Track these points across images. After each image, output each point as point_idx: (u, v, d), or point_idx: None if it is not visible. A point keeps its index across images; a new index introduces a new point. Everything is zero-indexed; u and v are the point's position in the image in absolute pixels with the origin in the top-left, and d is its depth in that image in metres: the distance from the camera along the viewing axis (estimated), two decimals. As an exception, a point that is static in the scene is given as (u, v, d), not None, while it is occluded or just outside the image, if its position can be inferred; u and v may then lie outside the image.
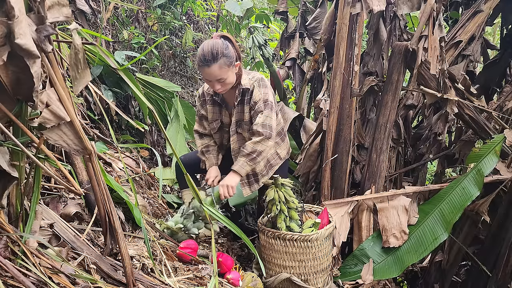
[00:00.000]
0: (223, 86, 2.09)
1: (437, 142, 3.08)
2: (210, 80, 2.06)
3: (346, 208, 2.53)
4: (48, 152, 1.13)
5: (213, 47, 1.99)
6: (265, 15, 4.52)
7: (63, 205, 1.64)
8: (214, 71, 2.01)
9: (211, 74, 2.02)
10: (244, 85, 2.17)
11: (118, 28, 4.05)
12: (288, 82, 5.28)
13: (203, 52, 1.99)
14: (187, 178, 1.65)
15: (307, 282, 2.06)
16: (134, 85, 1.46)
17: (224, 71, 2.03)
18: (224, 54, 2.00)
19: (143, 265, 1.57)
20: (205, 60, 1.99)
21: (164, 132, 1.44)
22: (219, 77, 2.04)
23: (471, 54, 3.11)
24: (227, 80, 2.07)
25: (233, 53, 2.06)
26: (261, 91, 2.16)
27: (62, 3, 1.08)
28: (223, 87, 2.10)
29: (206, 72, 2.03)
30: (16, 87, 0.98)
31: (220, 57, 1.99)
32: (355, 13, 2.46)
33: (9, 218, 1.19)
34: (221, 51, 1.99)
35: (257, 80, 2.18)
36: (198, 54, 2.04)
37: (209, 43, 2.01)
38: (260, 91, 2.16)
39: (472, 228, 2.79)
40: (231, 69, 2.06)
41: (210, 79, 2.06)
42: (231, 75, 2.08)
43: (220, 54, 1.99)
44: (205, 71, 2.02)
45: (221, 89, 2.10)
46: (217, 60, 1.99)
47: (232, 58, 2.05)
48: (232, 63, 2.05)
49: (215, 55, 1.98)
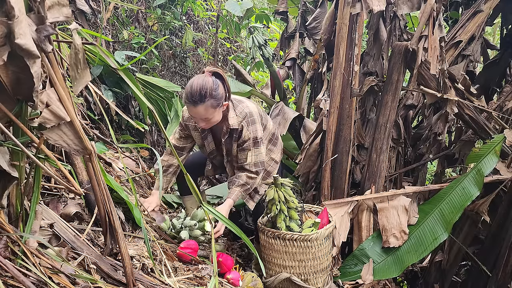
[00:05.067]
0: (207, 124, 2.04)
1: (437, 142, 3.07)
2: (195, 117, 2.01)
3: (346, 208, 2.53)
4: (48, 152, 1.13)
5: (202, 88, 1.90)
6: (265, 15, 4.52)
7: (63, 205, 1.64)
8: (200, 111, 1.94)
9: (197, 113, 1.96)
10: (232, 125, 2.09)
11: (118, 28, 4.05)
12: (288, 82, 5.28)
13: (191, 90, 1.91)
14: (187, 178, 1.64)
15: (307, 282, 2.06)
16: (134, 85, 1.46)
17: (210, 112, 1.97)
18: (213, 95, 1.93)
19: (143, 265, 1.57)
20: (191, 99, 1.91)
21: (164, 132, 1.44)
22: (204, 117, 1.98)
23: (471, 54, 3.11)
24: (213, 119, 2.01)
25: (222, 94, 1.99)
26: (250, 130, 2.11)
27: (62, 3, 1.08)
28: (208, 125, 2.05)
29: (191, 110, 1.97)
30: (16, 87, 0.98)
31: (208, 99, 1.91)
32: (355, 13, 2.46)
33: (9, 218, 1.19)
34: (210, 93, 1.92)
35: (245, 119, 2.10)
36: (186, 90, 1.95)
37: (199, 81, 1.92)
38: (249, 129, 2.11)
39: (472, 228, 2.79)
40: (217, 110, 2.00)
41: (194, 116, 2.01)
42: (217, 115, 2.02)
43: (208, 96, 1.91)
44: (191, 108, 1.96)
45: (206, 126, 2.06)
46: (204, 101, 1.91)
47: (221, 99, 1.98)
48: (219, 104, 1.99)
49: (203, 96, 1.90)
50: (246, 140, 2.12)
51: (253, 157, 2.15)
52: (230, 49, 6.36)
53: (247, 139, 2.12)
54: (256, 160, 2.16)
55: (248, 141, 2.12)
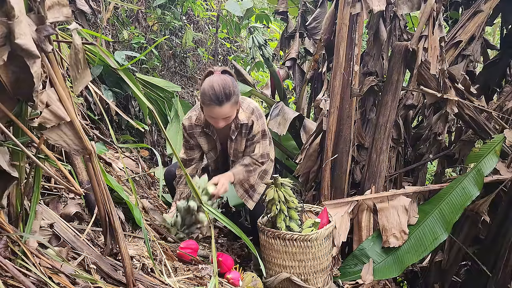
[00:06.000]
0: (226, 122, 2.04)
1: (437, 142, 3.07)
2: (216, 118, 1.99)
3: (346, 208, 2.53)
4: (48, 152, 1.13)
5: (225, 86, 1.92)
6: (265, 15, 4.52)
7: (63, 205, 1.64)
8: (225, 110, 1.95)
9: (221, 113, 1.95)
10: (242, 120, 2.12)
11: (118, 28, 4.05)
12: (288, 82, 5.28)
13: (215, 91, 1.90)
14: (187, 178, 1.64)
15: (307, 282, 2.06)
16: (134, 85, 1.46)
17: (234, 109, 2.00)
18: (235, 92, 1.96)
19: (143, 265, 1.57)
20: (217, 99, 1.91)
21: (164, 132, 1.44)
22: (228, 116, 1.99)
23: (471, 54, 3.11)
24: (232, 116, 2.04)
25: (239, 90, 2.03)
26: (259, 124, 2.16)
27: (62, 3, 1.08)
28: (226, 123, 2.05)
29: (215, 111, 1.95)
30: (16, 87, 0.98)
31: (232, 97, 1.94)
32: (355, 13, 2.46)
33: (9, 218, 1.19)
34: (233, 90, 1.94)
35: (254, 113, 2.14)
36: (206, 92, 1.92)
37: (219, 81, 1.93)
38: (259, 124, 2.15)
39: (472, 228, 2.79)
40: (236, 106, 2.04)
41: (217, 117, 1.99)
42: (235, 112, 2.06)
43: (232, 94, 1.94)
44: (215, 110, 1.94)
45: (224, 125, 2.05)
46: (230, 100, 1.93)
47: (239, 95, 2.02)
48: (238, 100, 2.02)
49: (228, 94, 1.92)
50: (255, 134, 2.17)
51: (260, 149, 2.21)
52: (230, 49, 6.37)
53: (256, 133, 2.16)
54: (263, 152, 2.22)
55: (257, 134, 2.17)
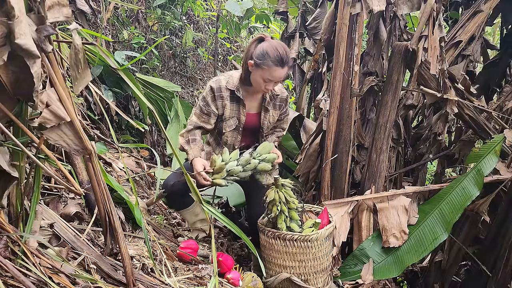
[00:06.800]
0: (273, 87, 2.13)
1: (437, 142, 3.07)
2: (273, 80, 2.04)
3: (346, 208, 2.53)
4: (48, 152, 1.13)
5: (287, 50, 2.01)
6: (265, 15, 4.52)
7: (63, 205, 1.64)
8: (285, 72, 2.03)
9: (281, 75, 2.02)
10: (277, 91, 2.23)
11: (118, 28, 4.05)
12: (288, 82, 5.28)
13: (280, 53, 1.97)
14: (187, 178, 1.64)
15: (307, 282, 2.06)
16: (134, 85, 1.46)
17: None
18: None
19: (143, 265, 1.57)
20: (282, 61, 1.97)
21: (164, 132, 1.44)
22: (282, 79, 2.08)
23: (471, 54, 3.11)
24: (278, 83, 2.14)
25: None
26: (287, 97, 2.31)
27: (62, 3, 1.08)
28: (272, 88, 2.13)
29: (277, 73, 2.00)
30: (16, 87, 0.98)
31: (291, 61, 2.03)
32: (355, 13, 2.46)
33: (9, 218, 1.19)
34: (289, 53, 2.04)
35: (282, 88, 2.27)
36: (271, 54, 1.96)
37: (279, 45, 2.00)
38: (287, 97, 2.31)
39: (472, 228, 2.79)
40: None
41: (275, 80, 2.04)
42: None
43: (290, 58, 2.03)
44: (277, 71, 2.00)
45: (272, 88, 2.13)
46: (290, 63, 2.02)
47: None
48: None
49: (289, 58, 2.00)
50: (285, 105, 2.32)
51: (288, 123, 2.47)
52: (230, 49, 6.37)
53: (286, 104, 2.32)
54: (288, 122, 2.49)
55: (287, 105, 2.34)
